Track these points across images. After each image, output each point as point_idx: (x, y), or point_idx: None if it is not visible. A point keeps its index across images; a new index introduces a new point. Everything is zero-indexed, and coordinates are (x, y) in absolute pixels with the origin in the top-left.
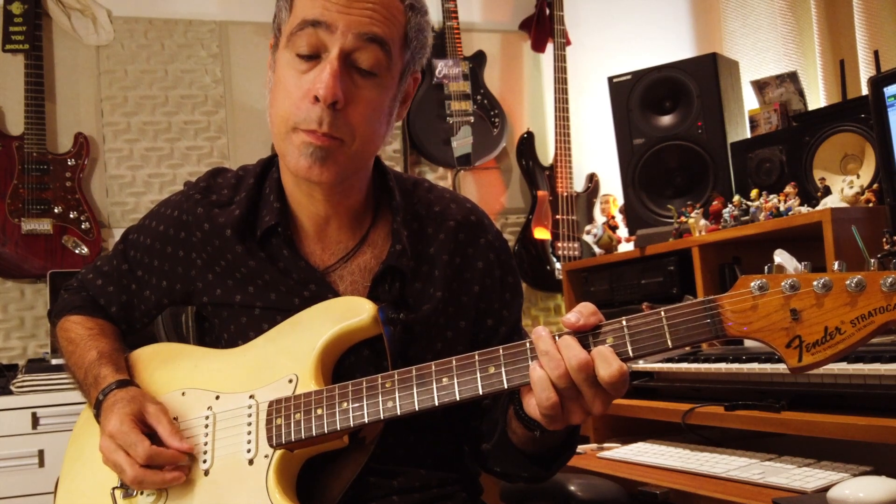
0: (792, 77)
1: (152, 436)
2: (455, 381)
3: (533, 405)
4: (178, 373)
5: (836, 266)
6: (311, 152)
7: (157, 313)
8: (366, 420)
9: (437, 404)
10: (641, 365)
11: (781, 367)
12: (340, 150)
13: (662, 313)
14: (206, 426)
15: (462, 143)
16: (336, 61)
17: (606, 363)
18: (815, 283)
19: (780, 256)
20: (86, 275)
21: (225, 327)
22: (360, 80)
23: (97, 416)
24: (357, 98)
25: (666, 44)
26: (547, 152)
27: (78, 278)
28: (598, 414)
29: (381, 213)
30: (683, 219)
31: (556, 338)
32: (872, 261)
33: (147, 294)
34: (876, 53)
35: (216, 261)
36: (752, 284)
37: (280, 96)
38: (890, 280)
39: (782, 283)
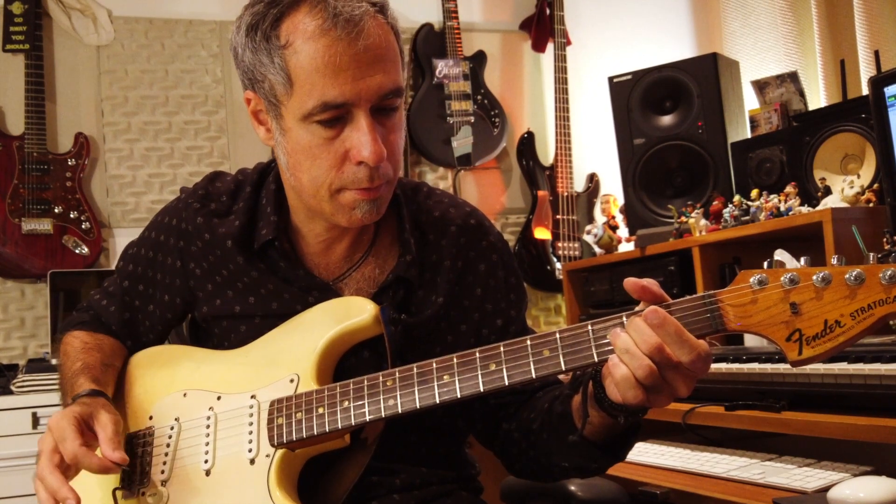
0: (792, 77)
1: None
2: (456, 378)
3: (614, 390)
4: (179, 374)
5: (834, 260)
6: (368, 208)
7: (163, 329)
8: (367, 418)
9: (438, 402)
10: None
11: (782, 367)
12: (387, 189)
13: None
14: (208, 426)
15: (462, 143)
16: (369, 119)
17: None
18: (814, 276)
19: (781, 256)
20: (93, 296)
21: (225, 337)
22: (387, 122)
23: None
24: (389, 139)
25: (666, 44)
26: (547, 152)
27: (87, 300)
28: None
29: (383, 222)
30: (684, 219)
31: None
32: (871, 254)
33: (151, 309)
34: (876, 53)
35: (218, 270)
36: (752, 279)
37: (309, 164)
38: (889, 273)
39: (782, 278)
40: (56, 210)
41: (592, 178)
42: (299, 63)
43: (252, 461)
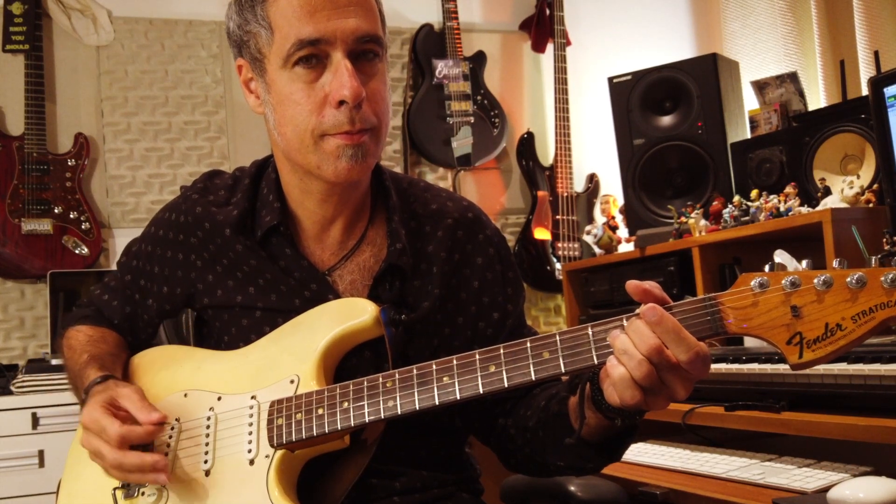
0: (792, 77)
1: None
2: (456, 380)
3: (612, 392)
4: (180, 375)
5: (835, 263)
6: (351, 154)
7: (159, 321)
8: (366, 419)
9: (437, 403)
10: None
11: (781, 368)
12: (372, 140)
13: None
14: (208, 427)
15: (462, 143)
16: (347, 61)
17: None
18: (815, 279)
19: (781, 257)
20: (94, 291)
21: (226, 330)
22: (367, 68)
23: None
24: (371, 86)
25: (666, 44)
26: (547, 152)
27: (88, 296)
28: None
29: (377, 212)
30: (683, 219)
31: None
32: (873, 258)
33: (150, 303)
34: (876, 54)
35: (218, 259)
36: (753, 282)
37: (292, 112)
38: (891, 276)
39: (783, 281)
40: (56, 210)
41: (592, 179)
42: (279, 10)
43: (251, 462)
